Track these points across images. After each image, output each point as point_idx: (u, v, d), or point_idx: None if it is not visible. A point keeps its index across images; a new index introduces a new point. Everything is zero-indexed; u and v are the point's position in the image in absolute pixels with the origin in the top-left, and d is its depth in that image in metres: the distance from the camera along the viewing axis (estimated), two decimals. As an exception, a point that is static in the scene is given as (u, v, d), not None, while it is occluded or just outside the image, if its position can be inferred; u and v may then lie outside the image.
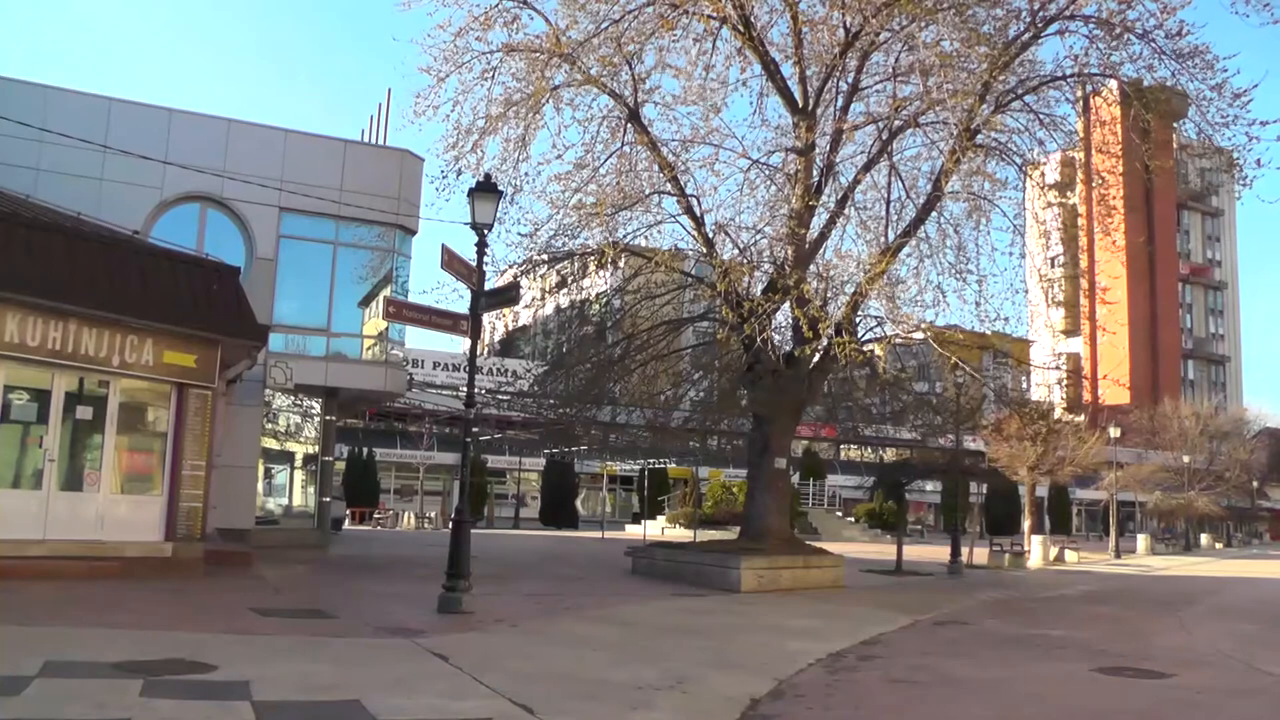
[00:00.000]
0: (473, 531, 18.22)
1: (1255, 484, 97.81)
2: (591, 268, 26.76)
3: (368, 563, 27.01)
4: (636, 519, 60.08)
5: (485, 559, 25.34)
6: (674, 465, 62.32)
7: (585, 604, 18.26)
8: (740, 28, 21.91)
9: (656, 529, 52.27)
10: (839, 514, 64.66)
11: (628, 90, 23.33)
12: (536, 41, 22.35)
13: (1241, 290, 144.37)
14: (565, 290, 28.81)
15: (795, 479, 56.54)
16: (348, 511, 51.10)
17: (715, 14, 21.55)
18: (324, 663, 10.72)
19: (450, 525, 16.93)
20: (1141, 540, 60.74)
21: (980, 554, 39.39)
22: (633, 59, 22.71)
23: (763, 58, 22.79)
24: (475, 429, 35.26)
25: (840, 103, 23.75)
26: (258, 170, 26.27)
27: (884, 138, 23.75)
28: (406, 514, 57.53)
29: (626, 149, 24.08)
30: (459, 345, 22.75)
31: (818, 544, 30.33)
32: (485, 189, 17.11)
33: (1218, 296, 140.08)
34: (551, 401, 29.51)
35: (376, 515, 56.49)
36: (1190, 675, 13.42)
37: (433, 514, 58.37)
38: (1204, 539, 78.33)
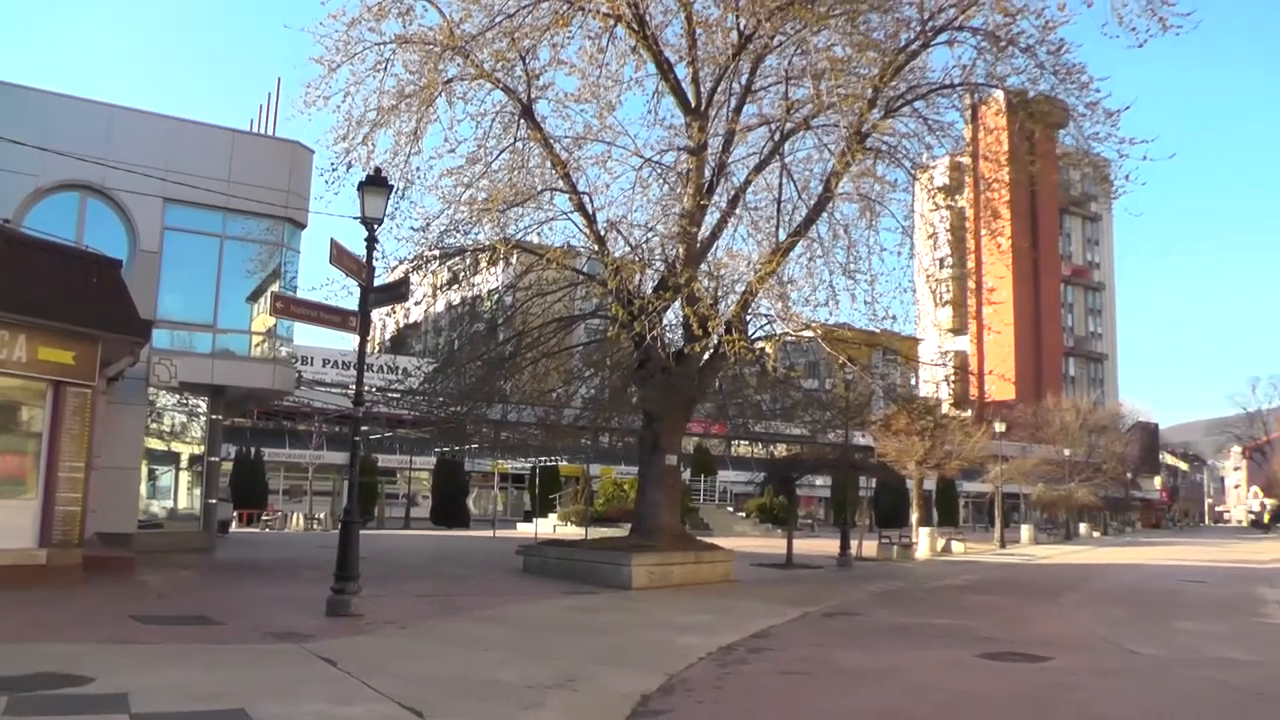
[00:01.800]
0: (362, 532, 18.04)
1: (1129, 475, 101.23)
2: (483, 264, 26.50)
3: (255, 566, 26.49)
4: (528, 517, 59.87)
5: (375, 560, 25.10)
6: (565, 463, 62.11)
7: (476, 604, 18.15)
8: (635, 26, 21.97)
9: (548, 527, 52.18)
10: (730, 509, 65.06)
11: (521, 86, 23.19)
12: (430, 34, 22.06)
13: (1118, 291, 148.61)
14: (457, 287, 28.44)
15: (686, 475, 56.81)
16: (235, 513, 49.99)
17: (610, 12, 21.52)
18: (208, 670, 10.52)
19: (339, 526, 16.73)
20: (1025, 531, 62.37)
21: (869, 547, 39.89)
22: (527, 55, 22.55)
23: (657, 57, 22.87)
24: (365, 428, 34.84)
25: (733, 104, 23.85)
26: (141, 159, 25.29)
27: (776, 139, 24.01)
28: (295, 515, 56.53)
29: (520, 145, 23.92)
30: (349, 342, 22.46)
31: (709, 539, 30.58)
32: (376, 183, 16.91)
33: (1097, 297, 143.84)
34: (442, 399, 29.20)
35: (265, 517, 55.37)
36: (1067, 658, 13.98)
37: (322, 515, 57.34)
38: (1083, 528, 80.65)
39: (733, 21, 21.80)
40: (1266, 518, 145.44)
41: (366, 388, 19.18)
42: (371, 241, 16.88)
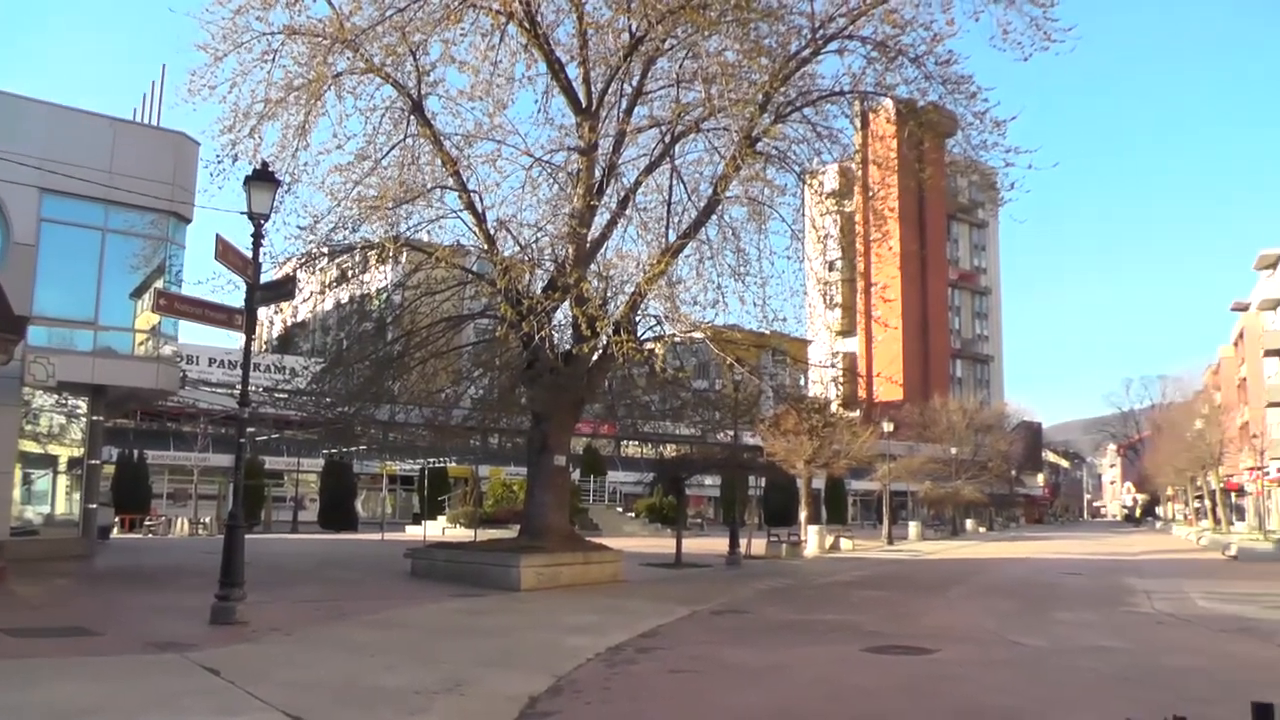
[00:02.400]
0: (249, 537, 17.76)
1: (1013, 472, 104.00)
2: (372, 262, 26.20)
3: (137, 573, 25.78)
4: (417, 520, 59.12)
5: (261, 565, 24.63)
6: (454, 464, 61.68)
7: (364, 608, 17.96)
8: (526, 25, 21.85)
9: (437, 529, 51.68)
10: (620, 510, 65.01)
11: (412, 82, 22.97)
12: (319, 25, 21.62)
13: (1003, 295, 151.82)
14: (345, 285, 28.09)
15: (575, 476, 56.63)
16: (116, 518, 48.64)
17: (502, 9, 21.35)
18: (85, 684, 10.25)
19: (224, 531, 16.41)
20: (913, 527, 63.39)
21: (758, 545, 40.20)
22: (417, 50, 22.29)
23: (548, 56, 22.80)
24: (251, 429, 34.20)
25: (624, 105, 23.89)
26: (15, 146, 24.18)
27: (667, 141, 24.11)
28: (180, 520, 55.23)
29: (409, 141, 23.70)
30: (236, 341, 21.95)
31: (598, 540, 30.59)
32: (262, 177, 16.62)
33: (983, 301, 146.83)
34: (330, 400, 28.78)
35: (148, 522, 53.94)
36: (953, 650, 14.37)
37: (207, 519, 56.08)
38: (969, 524, 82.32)
39: (624, 23, 21.73)
40: (1138, 512, 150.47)
41: (253, 388, 18.85)
42: (258, 237, 16.60)
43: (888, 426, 56.96)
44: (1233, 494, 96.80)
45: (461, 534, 44.55)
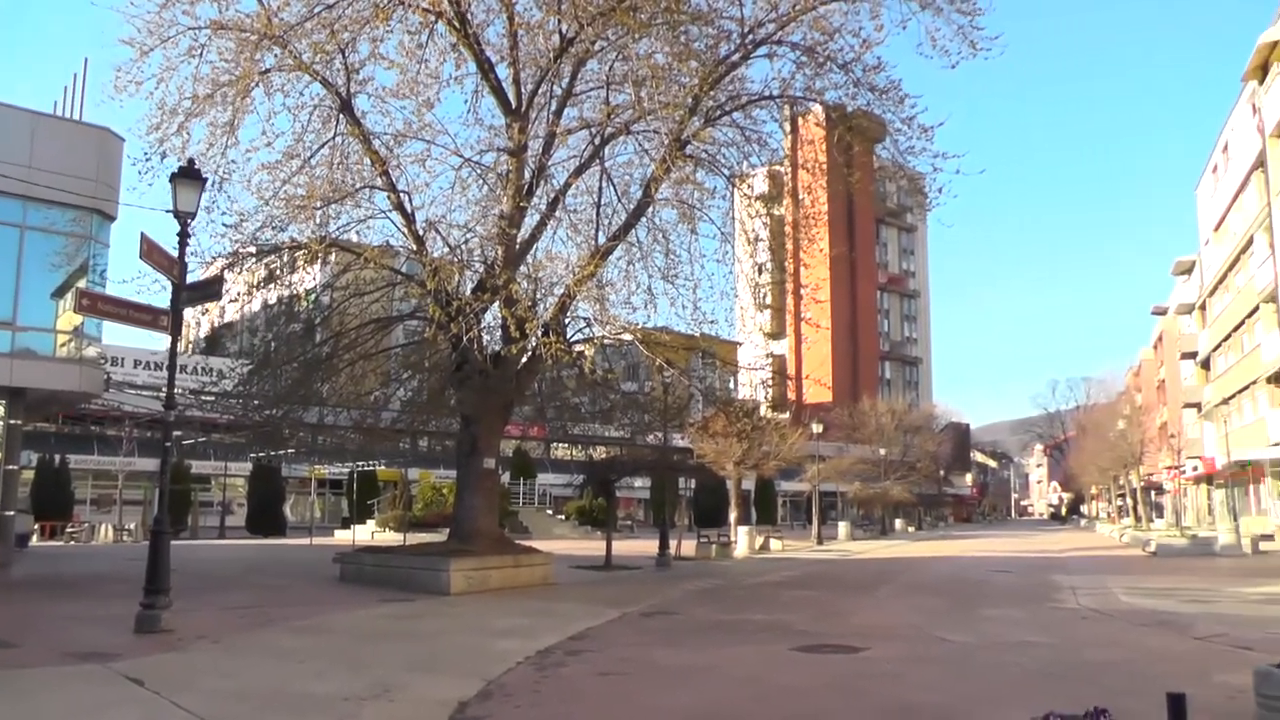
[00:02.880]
0: (175, 543, 17.46)
1: (942, 473, 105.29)
2: (301, 262, 25.84)
3: (58, 581, 25.23)
4: (346, 524, 58.52)
5: (187, 572, 24.27)
6: (384, 467, 61.09)
7: (292, 615, 17.75)
8: (456, 24, 21.67)
9: (366, 534, 51.18)
10: (550, 512, 64.88)
11: (341, 79, 22.70)
12: (247, 21, 21.27)
13: (932, 299, 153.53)
14: (273, 285, 27.68)
15: (505, 478, 56.47)
16: (36, 526, 47.57)
17: (431, 8, 21.17)
18: (1, 699, 10.03)
19: (150, 537, 16.13)
20: (842, 527, 63.84)
21: (688, 546, 40.31)
22: (347, 47, 22.01)
23: (478, 56, 22.63)
24: (177, 432, 33.61)
25: (554, 106, 23.82)
26: None
27: (597, 143, 24.09)
28: (104, 526, 54.12)
29: (339, 140, 23.42)
30: (161, 343, 21.60)
31: (528, 543, 30.48)
32: (189, 175, 16.34)
33: (911, 304, 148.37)
34: (258, 403, 28.42)
35: (70, 529, 52.76)
36: (882, 648, 14.51)
37: (132, 525, 54.97)
38: (898, 524, 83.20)
39: (555, 24, 21.69)
40: (1064, 510, 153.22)
41: (179, 390, 18.53)
42: (184, 236, 16.34)
43: (817, 428, 57.31)
44: (1153, 492, 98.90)
45: (391, 538, 44.19)
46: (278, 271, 26.60)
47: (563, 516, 63.71)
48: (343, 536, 50.75)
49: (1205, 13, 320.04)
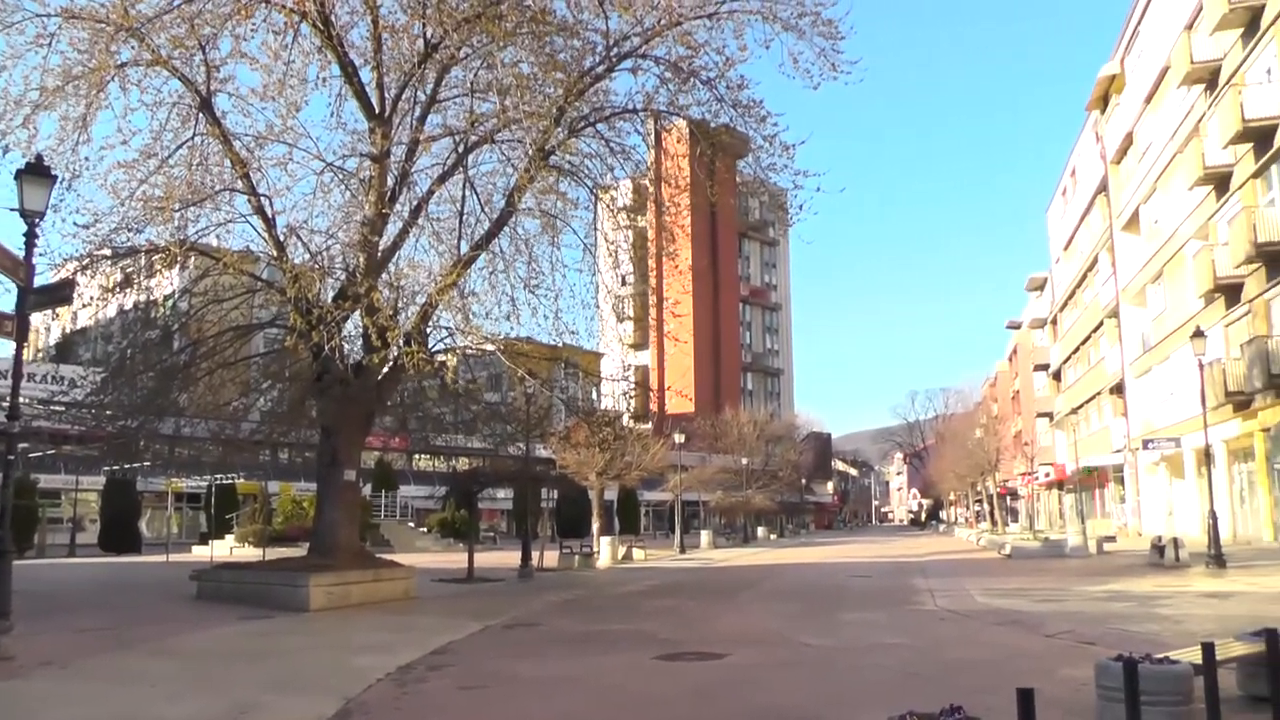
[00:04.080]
0: (18, 562, 16.79)
1: (804, 481, 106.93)
2: (158, 266, 24.96)
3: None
4: (205, 539, 56.88)
5: (33, 593, 23.24)
6: (243, 480, 59.67)
7: (146, 635, 17.14)
8: (320, 25, 21.15)
9: (225, 549, 49.84)
10: (412, 525, 64.06)
11: (201, 77, 21.89)
12: (101, 10, 20.28)
13: (793, 311, 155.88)
14: (129, 290, 26.78)
15: (367, 491, 55.60)
16: None
17: (295, 7, 20.53)
18: None
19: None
20: (705, 536, 64.18)
21: (551, 557, 40.26)
22: (207, 44, 21.26)
23: (341, 59, 22.14)
24: (23, 445, 32.39)
25: (418, 113, 23.53)
26: None
27: (460, 151, 23.85)
28: (-60, 548, 51.70)
29: (198, 140, 22.56)
30: (6, 349, 20.78)
31: (390, 556, 30.16)
32: (36, 171, 15.57)
33: (773, 316, 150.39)
34: (111, 413, 27.42)
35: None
36: (743, 654, 14.66)
37: (-28, 544, 52.76)
38: (760, 531, 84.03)
39: (419, 29, 21.37)
40: (923, 516, 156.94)
41: (25, 400, 17.86)
42: (32, 237, 15.65)
43: (679, 438, 57.64)
44: (1008, 497, 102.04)
45: (250, 553, 43.13)
46: (134, 275, 25.72)
47: (425, 529, 62.93)
48: (201, 552, 49.28)
49: (1057, 45, 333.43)
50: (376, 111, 22.74)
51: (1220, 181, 41.35)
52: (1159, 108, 50.26)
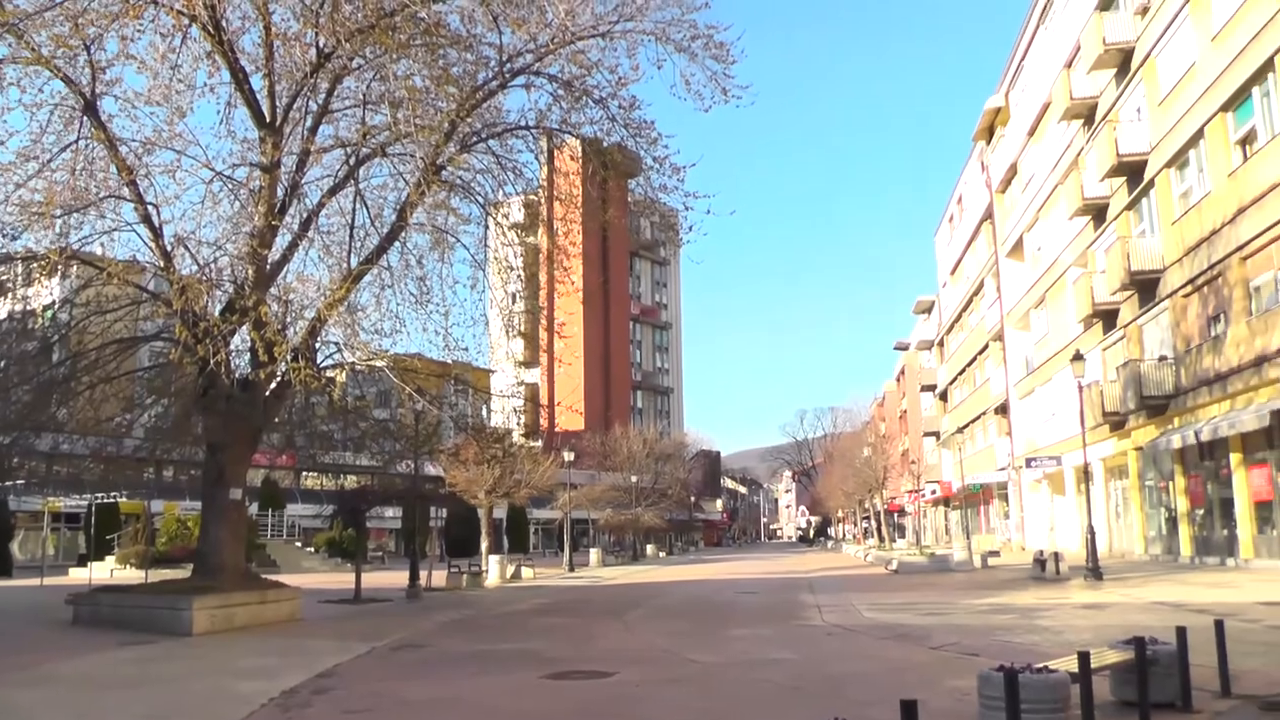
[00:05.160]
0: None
1: (693, 499, 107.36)
2: (37, 275, 24.11)
3: None
4: (83, 561, 55.21)
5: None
6: (125, 499, 58.04)
7: (16, 664, 16.49)
8: (210, 29, 20.46)
9: (106, 571, 48.51)
10: (299, 544, 63.10)
11: (85, 78, 21.02)
12: None
13: (684, 330, 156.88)
14: (6, 299, 25.97)
15: (253, 510, 54.64)
16: None
17: (185, 9, 19.77)
18: None
19: None
20: (594, 554, 64.31)
21: (440, 577, 39.88)
22: (92, 44, 20.39)
23: (232, 65, 21.53)
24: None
25: (310, 123, 23.09)
26: None
27: (352, 163, 23.57)
28: None
29: (82, 144, 21.58)
30: None
31: (276, 577, 29.51)
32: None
33: (664, 335, 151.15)
34: (-18, 429, 26.59)
35: None
36: (630, 671, 14.67)
37: None
38: (650, 549, 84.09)
39: (312, 38, 20.91)
40: (812, 533, 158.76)
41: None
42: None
43: (569, 456, 57.72)
44: (895, 514, 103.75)
45: (132, 575, 42.11)
46: (10, 284, 24.94)
47: (312, 549, 62.04)
48: (79, 575, 47.85)
49: (947, 76, 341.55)
50: (267, 120, 22.31)
51: (1098, 212, 42.97)
52: (1041, 140, 52.04)
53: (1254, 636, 15.40)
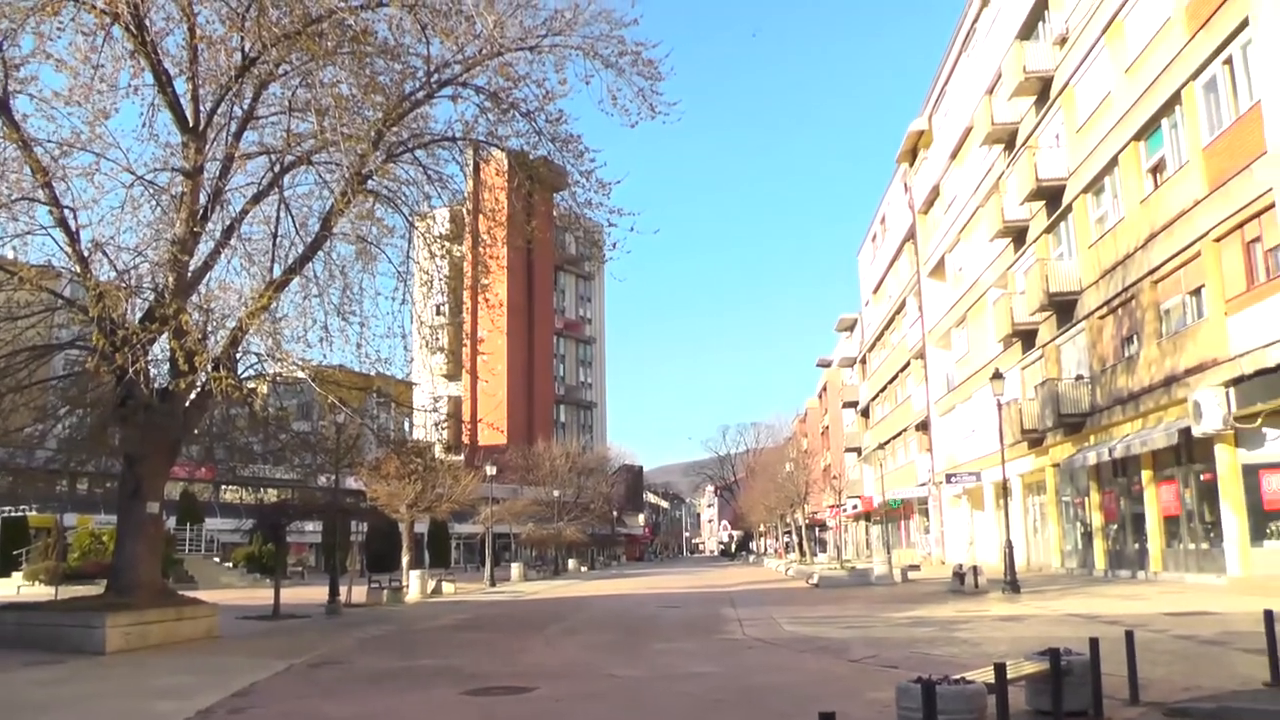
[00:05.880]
0: None
1: (615, 513, 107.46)
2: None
3: None
4: (-10, 578, 53.98)
5: None
6: (35, 513, 56.60)
7: (-93, 688, 15.92)
8: (133, 29, 19.90)
9: (13, 588, 47.40)
10: (218, 559, 62.14)
11: None
12: None
13: (607, 345, 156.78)
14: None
15: (171, 524, 53.66)
16: None
17: (107, 8, 19.26)
18: None
19: None
20: (515, 568, 64.13)
21: (360, 592, 39.51)
22: (6, 40, 19.83)
23: (155, 67, 20.93)
24: None
25: (234, 128, 22.80)
26: None
27: (276, 170, 23.25)
28: None
29: None
30: None
31: (194, 593, 29.08)
32: None
33: (587, 349, 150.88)
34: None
35: None
36: (551, 686, 14.64)
37: None
38: (571, 564, 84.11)
39: (238, 42, 20.59)
40: (734, 547, 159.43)
41: None
42: None
43: (491, 470, 57.48)
44: (817, 529, 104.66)
45: (42, 592, 41.15)
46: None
47: (231, 564, 61.14)
48: (-15, 592, 46.78)
49: (873, 95, 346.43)
50: (191, 125, 21.86)
51: (1018, 234, 43.82)
52: (963, 163, 52.96)
53: (1161, 646, 15.72)
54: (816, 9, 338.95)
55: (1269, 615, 11.59)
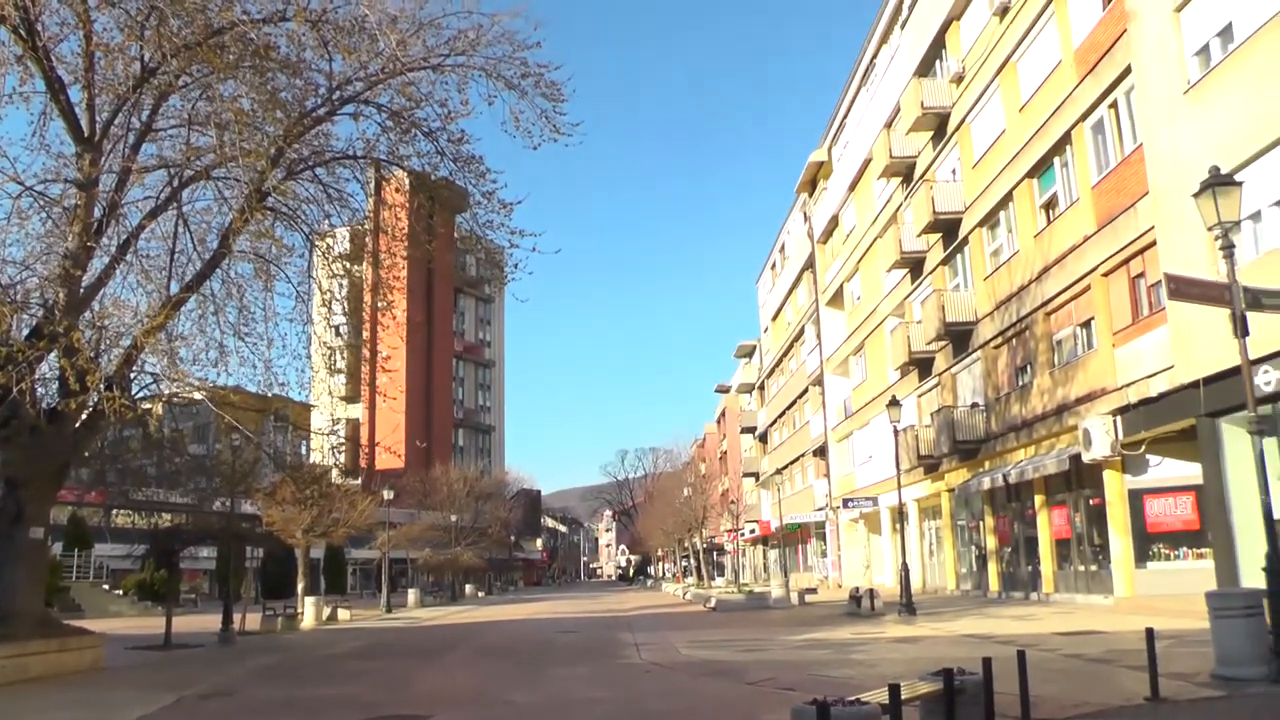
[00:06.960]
0: None
1: (513, 538, 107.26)
2: None
3: None
4: None
5: None
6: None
7: None
8: (23, 34, 19.06)
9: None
10: (107, 587, 60.41)
11: None
12: None
13: (507, 368, 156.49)
14: None
15: (57, 549, 52.14)
16: None
17: None
18: None
19: None
20: (412, 594, 63.51)
21: (254, 620, 38.79)
22: None
23: (47, 73, 20.10)
24: None
25: (132, 140, 22.15)
26: None
27: (175, 185, 22.70)
28: None
29: None
30: None
31: (80, 623, 28.15)
32: None
33: (487, 373, 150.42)
34: None
35: None
36: (447, 714, 14.58)
37: None
38: (469, 589, 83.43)
39: (137, 51, 20.04)
40: (632, 571, 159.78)
41: None
42: None
43: (388, 494, 56.88)
44: (715, 553, 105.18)
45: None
46: None
47: (120, 592, 59.49)
48: None
49: (776, 125, 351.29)
50: (86, 135, 21.08)
51: (915, 265, 44.63)
52: (862, 195, 53.81)
53: (1052, 665, 16.10)
54: (717, 33, 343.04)
55: (1150, 634, 12.20)
